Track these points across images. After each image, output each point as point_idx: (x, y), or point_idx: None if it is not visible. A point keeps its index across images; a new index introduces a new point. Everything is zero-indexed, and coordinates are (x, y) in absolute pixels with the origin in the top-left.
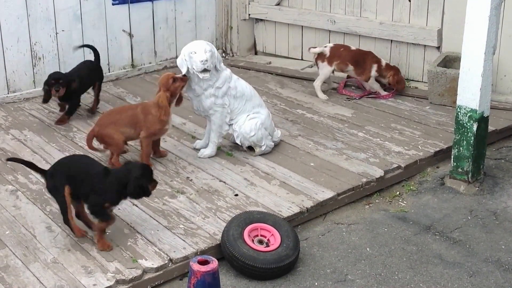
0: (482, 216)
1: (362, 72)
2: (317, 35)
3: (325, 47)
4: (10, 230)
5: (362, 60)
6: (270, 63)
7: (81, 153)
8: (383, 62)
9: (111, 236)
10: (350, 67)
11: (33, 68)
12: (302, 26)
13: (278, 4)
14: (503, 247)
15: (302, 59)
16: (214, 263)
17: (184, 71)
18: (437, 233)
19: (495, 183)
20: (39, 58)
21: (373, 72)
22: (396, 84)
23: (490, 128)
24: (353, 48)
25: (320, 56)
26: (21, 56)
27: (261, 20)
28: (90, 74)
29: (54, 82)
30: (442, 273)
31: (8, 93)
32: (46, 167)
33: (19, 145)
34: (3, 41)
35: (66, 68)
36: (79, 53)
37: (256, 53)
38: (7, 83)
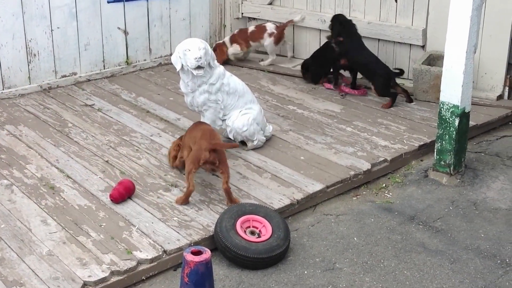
0: (463, 207)
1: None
2: (308, 34)
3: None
4: (5, 224)
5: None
6: (262, 60)
7: (76, 150)
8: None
9: (106, 228)
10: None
11: (28, 65)
12: (293, 25)
13: (270, 3)
14: (482, 235)
15: (294, 57)
16: (207, 254)
17: (178, 68)
18: (420, 222)
19: (475, 175)
20: (34, 55)
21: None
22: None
23: (471, 123)
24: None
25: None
26: (16, 53)
27: (254, 18)
28: None
29: None
30: (425, 261)
31: (3, 89)
32: (42, 161)
33: (14, 141)
34: None
35: (61, 65)
36: (74, 50)
37: None
38: (2, 79)
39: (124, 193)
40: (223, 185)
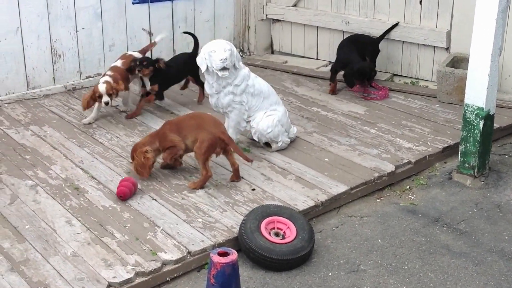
0: (487, 209)
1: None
2: (331, 36)
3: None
4: (30, 225)
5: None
6: (286, 62)
7: (101, 151)
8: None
9: (130, 229)
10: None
11: (53, 65)
12: (317, 27)
13: (294, 5)
14: (506, 237)
15: (317, 59)
16: (233, 255)
17: (203, 69)
18: (444, 225)
19: (499, 177)
20: (59, 56)
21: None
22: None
23: (495, 125)
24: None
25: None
26: (41, 53)
27: (278, 20)
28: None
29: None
30: (449, 263)
31: (28, 90)
32: (66, 162)
33: (39, 141)
34: (24, 38)
35: (85, 66)
36: (99, 50)
37: (272, 53)
38: (27, 79)
39: (133, 189)
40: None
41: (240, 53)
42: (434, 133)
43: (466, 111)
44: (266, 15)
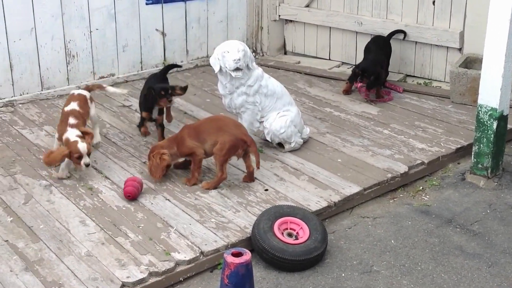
0: (501, 210)
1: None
2: (344, 36)
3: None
4: (44, 224)
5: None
6: (299, 62)
7: (114, 151)
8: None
9: (144, 229)
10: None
11: (67, 66)
12: (330, 27)
13: (307, 6)
14: None
15: (329, 59)
16: (247, 255)
17: (216, 70)
18: (458, 226)
19: None
20: (73, 56)
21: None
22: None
23: (509, 126)
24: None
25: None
26: (55, 54)
27: (291, 21)
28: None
29: None
30: (463, 264)
31: (42, 90)
32: None
33: (53, 141)
34: (38, 39)
35: (99, 66)
36: (112, 51)
37: (285, 53)
38: (41, 80)
39: (140, 189)
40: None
41: (253, 53)
42: (447, 133)
43: (480, 112)
44: (279, 15)
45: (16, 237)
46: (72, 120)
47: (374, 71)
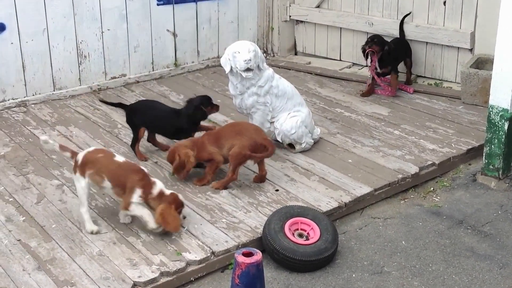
0: None
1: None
2: (355, 37)
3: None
4: (56, 224)
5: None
6: (309, 63)
7: (126, 151)
8: (156, 188)
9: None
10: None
11: (79, 66)
12: (340, 28)
13: (318, 7)
14: None
15: (340, 60)
16: (258, 255)
17: (227, 70)
18: (469, 227)
19: None
20: (85, 56)
21: (136, 198)
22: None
23: None
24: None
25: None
26: (67, 54)
27: (301, 21)
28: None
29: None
30: (474, 265)
31: (54, 90)
32: None
33: (65, 141)
34: (50, 39)
35: (111, 67)
36: (124, 51)
37: (296, 54)
38: (53, 80)
39: None
40: (263, 171)
41: (264, 54)
42: (458, 134)
43: (491, 113)
44: (290, 16)
45: (29, 237)
46: None
47: (385, 41)
